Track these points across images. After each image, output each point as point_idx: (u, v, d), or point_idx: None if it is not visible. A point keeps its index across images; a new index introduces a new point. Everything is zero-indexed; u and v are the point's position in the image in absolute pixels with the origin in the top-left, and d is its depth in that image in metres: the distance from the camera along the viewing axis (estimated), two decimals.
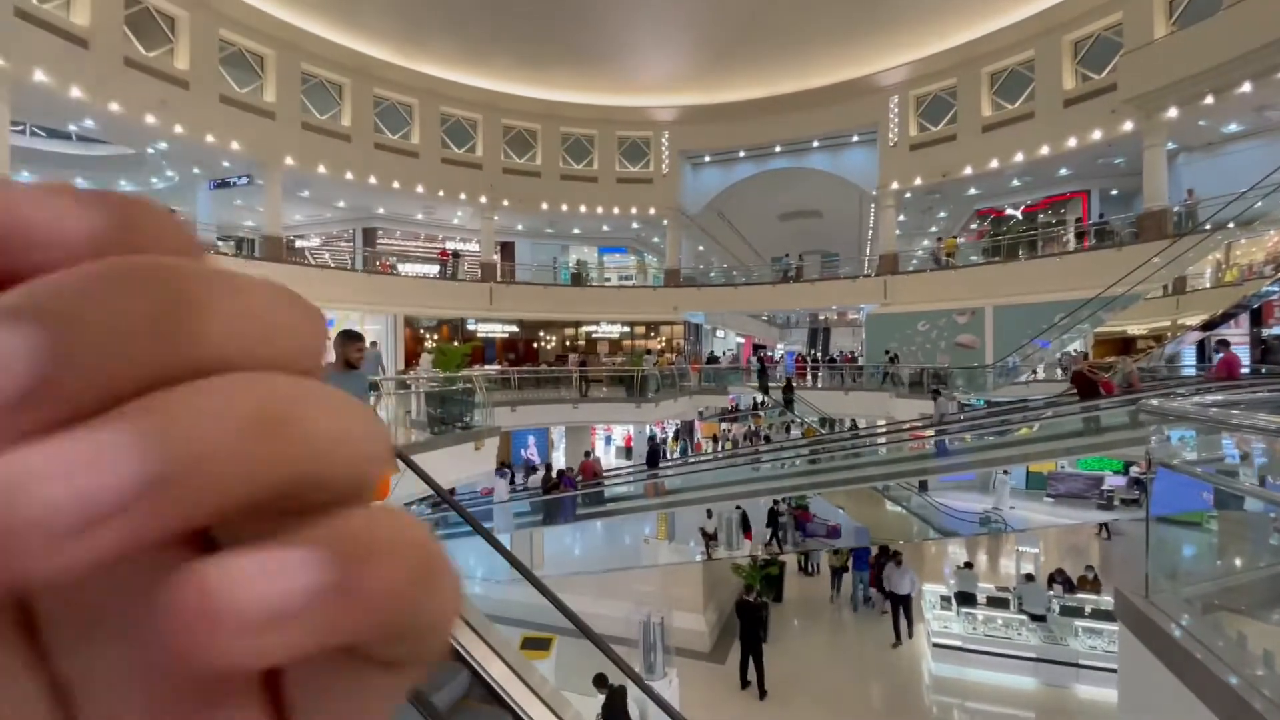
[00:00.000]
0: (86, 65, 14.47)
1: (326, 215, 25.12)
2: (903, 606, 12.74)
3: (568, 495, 14.59)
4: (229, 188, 20.35)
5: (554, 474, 15.57)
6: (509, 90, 23.32)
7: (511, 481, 18.56)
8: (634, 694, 8.66)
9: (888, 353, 21.28)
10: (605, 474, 17.48)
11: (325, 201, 23.32)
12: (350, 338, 3.63)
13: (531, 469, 20.17)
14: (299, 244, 26.28)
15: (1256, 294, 13.53)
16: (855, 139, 24.31)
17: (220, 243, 19.99)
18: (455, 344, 20.98)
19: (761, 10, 18.59)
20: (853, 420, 21.67)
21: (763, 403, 24.46)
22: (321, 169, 19.79)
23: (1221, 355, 10.96)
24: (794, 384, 21.79)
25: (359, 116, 20.92)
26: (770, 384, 22.50)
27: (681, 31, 20.07)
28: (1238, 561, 4.69)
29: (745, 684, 10.92)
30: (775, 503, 15.56)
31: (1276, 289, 13.21)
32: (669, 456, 24.66)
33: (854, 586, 14.88)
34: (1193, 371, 14.68)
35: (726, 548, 14.98)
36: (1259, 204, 13.59)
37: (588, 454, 19.86)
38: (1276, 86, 13.58)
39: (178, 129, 16.34)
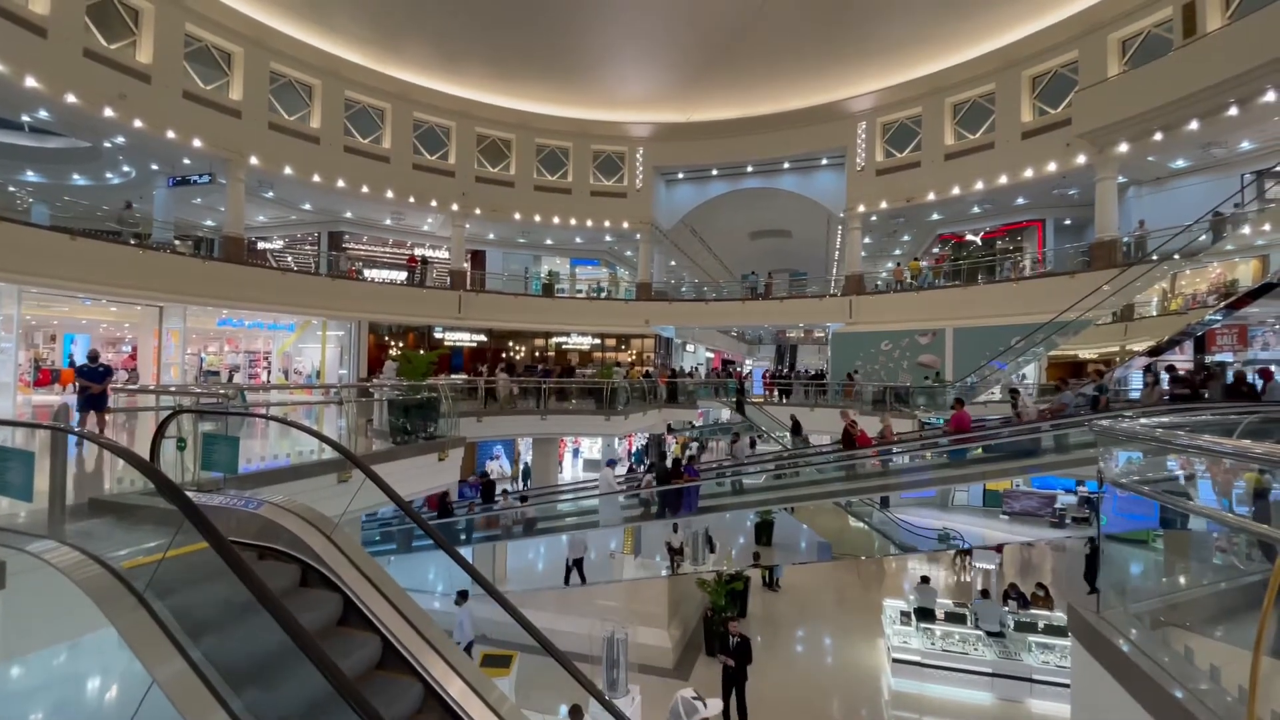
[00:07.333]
0: (43, 54, 13.97)
1: (291, 217, 24.54)
2: None
3: (691, 485, 13.66)
4: (189, 185, 19.73)
5: (669, 463, 14.95)
6: (484, 99, 23.25)
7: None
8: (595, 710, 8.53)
9: (851, 374, 21.66)
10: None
11: (290, 203, 22.79)
12: None
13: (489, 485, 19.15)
14: (261, 245, 25.62)
15: (1200, 322, 14.17)
16: (824, 162, 24.90)
17: (178, 242, 19.33)
18: (421, 352, 20.63)
19: (738, 33, 18.94)
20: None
21: (733, 418, 24.54)
22: (288, 170, 19.35)
23: (955, 412, 12.83)
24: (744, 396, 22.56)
25: (329, 118, 20.57)
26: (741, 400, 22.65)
27: (659, 50, 20.31)
28: (1183, 579, 4.84)
29: None
30: None
31: (1219, 318, 13.86)
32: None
33: None
34: (1137, 395, 15.22)
35: (692, 562, 14.94)
36: (1203, 237, 14.29)
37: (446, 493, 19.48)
38: (1222, 125, 14.37)
39: (137, 123, 15.84)
